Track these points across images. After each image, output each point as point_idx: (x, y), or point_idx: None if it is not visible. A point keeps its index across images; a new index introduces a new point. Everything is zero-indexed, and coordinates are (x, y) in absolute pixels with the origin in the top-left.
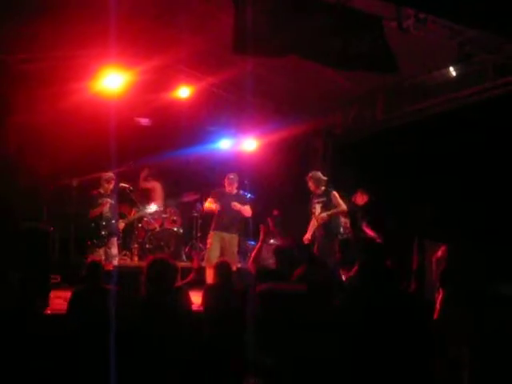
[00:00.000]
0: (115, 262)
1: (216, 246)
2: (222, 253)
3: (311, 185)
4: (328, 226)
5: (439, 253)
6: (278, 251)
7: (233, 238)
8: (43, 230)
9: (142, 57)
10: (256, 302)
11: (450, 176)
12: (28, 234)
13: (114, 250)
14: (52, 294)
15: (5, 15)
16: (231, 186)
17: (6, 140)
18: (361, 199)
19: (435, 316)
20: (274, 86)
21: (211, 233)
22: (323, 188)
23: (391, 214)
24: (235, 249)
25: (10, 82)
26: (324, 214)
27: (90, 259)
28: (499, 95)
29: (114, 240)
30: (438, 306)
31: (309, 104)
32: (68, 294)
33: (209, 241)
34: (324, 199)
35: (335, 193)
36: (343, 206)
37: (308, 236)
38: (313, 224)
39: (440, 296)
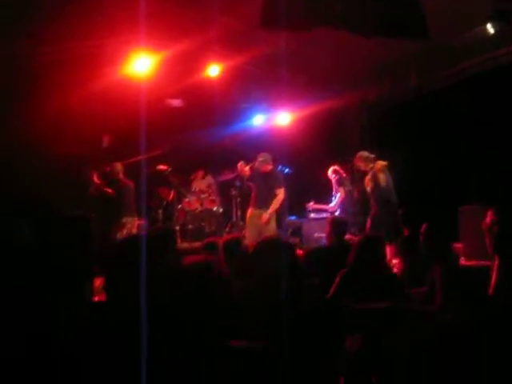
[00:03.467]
0: None
1: (253, 224)
2: (260, 230)
3: (361, 165)
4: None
5: (487, 219)
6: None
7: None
8: (84, 217)
9: (170, 38)
10: None
11: (491, 139)
12: (69, 222)
13: None
14: None
15: (36, 8)
16: (262, 168)
17: (40, 127)
18: None
19: (491, 290)
20: (306, 59)
21: (249, 210)
22: (371, 165)
23: (429, 182)
24: (273, 224)
25: (43, 72)
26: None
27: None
28: None
29: None
30: (494, 276)
31: (342, 75)
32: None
33: (247, 219)
34: (369, 177)
35: (377, 171)
36: (375, 185)
37: None
38: None
39: (496, 264)
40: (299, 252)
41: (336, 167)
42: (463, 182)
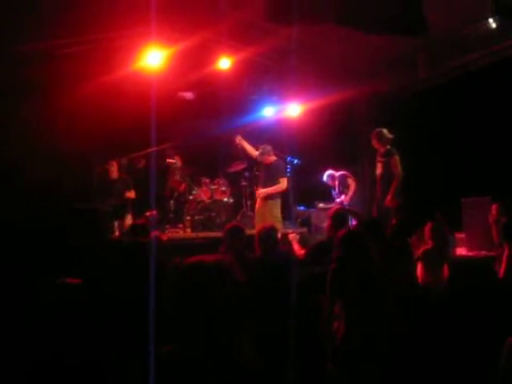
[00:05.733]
0: None
1: (258, 213)
2: (264, 219)
3: (375, 142)
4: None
5: (493, 211)
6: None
7: (270, 204)
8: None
9: (181, 32)
10: None
11: (496, 130)
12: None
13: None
14: None
15: (48, 2)
16: (263, 159)
17: (54, 122)
18: None
19: (501, 274)
20: (316, 51)
21: (257, 201)
22: (388, 147)
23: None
24: (275, 214)
25: (55, 67)
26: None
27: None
28: None
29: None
30: (504, 263)
31: (352, 67)
32: None
33: (256, 209)
34: (385, 160)
35: (396, 157)
36: (399, 173)
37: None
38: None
39: (506, 252)
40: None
41: (332, 172)
42: (466, 174)
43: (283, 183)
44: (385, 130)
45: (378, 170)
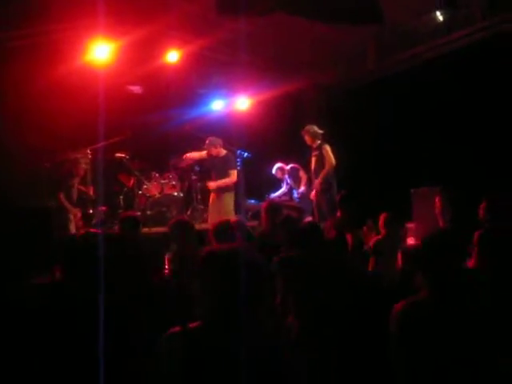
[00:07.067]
0: None
1: (212, 207)
2: (219, 212)
3: (307, 139)
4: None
5: (437, 203)
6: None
7: (225, 197)
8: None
9: (129, 25)
10: None
11: (444, 121)
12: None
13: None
14: None
15: None
16: (211, 151)
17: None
18: None
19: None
20: (264, 43)
21: (211, 195)
22: (319, 142)
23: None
24: (229, 207)
25: (1, 60)
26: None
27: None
28: (489, 36)
29: None
30: None
31: (300, 59)
32: None
33: (210, 203)
34: (317, 153)
35: (327, 147)
36: (331, 161)
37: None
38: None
39: None
40: None
41: (281, 165)
42: (415, 164)
43: (233, 175)
44: (315, 126)
45: (313, 165)
